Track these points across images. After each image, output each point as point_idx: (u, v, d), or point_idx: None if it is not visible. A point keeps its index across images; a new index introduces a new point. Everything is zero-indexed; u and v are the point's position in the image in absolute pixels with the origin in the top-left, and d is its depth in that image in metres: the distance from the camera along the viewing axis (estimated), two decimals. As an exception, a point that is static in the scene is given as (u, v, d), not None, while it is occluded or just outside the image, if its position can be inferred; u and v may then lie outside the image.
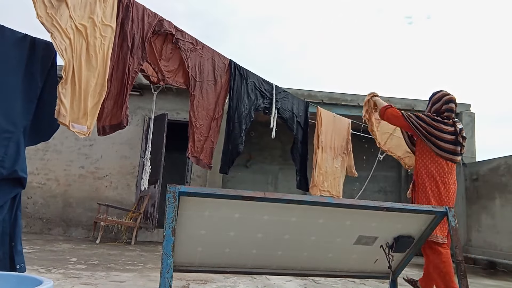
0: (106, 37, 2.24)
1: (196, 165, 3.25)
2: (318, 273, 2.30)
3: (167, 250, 1.58)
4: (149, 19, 2.64)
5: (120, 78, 2.47)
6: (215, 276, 3.65)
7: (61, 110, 1.97)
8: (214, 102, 3.22)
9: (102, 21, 2.22)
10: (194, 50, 3.03)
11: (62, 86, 1.98)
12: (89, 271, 3.61)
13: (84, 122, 2.13)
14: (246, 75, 3.47)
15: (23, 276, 1.43)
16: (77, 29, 2.05)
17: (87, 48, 2.12)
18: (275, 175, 9.08)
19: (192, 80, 3.01)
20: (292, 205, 1.88)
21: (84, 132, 2.13)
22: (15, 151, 1.81)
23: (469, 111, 7.75)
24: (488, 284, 4.51)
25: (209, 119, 3.18)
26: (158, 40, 2.78)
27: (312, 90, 7.62)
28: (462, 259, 2.01)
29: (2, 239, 1.81)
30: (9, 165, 1.78)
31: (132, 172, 7.49)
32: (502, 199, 6.30)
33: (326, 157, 4.25)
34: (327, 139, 4.25)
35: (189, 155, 3.09)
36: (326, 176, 4.19)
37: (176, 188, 1.66)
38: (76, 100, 2.06)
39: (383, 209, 1.99)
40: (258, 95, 3.61)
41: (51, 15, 1.91)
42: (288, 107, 3.99)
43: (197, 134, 3.10)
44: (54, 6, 1.94)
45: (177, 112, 7.66)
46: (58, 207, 7.28)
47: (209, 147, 3.19)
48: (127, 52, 2.49)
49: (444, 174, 2.76)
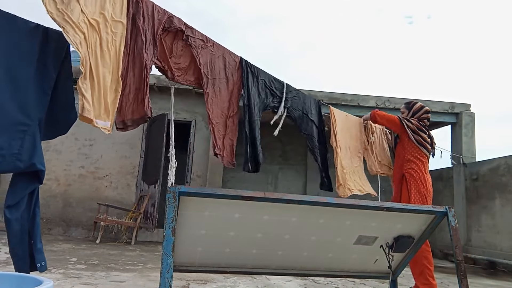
0: (117, 33, 2.20)
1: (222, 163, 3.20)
2: (318, 273, 2.30)
3: (167, 250, 1.58)
4: (158, 16, 2.61)
5: (139, 73, 2.44)
6: (215, 276, 3.65)
7: (85, 105, 1.89)
8: (227, 100, 3.17)
9: (112, 17, 2.18)
10: (205, 47, 2.98)
11: (82, 81, 1.91)
12: (89, 271, 3.61)
13: (107, 117, 2.07)
14: (257, 73, 3.43)
15: (23, 276, 1.43)
16: (90, 24, 1.99)
17: (101, 44, 2.07)
18: (275, 175, 9.09)
19: (204, 77, 2.97)
20: (292, 205, 1.88)
21: (108, 128, 2.07)
22: (31, 144, 1.76)
23: (469, 111, 7.75)
24: (488, 284, 4.51)
25: (224, 117, 3.14)
26: (168, 37, 2.74)
27: (312, 90, 7.62)
28: (462, 259, 2.01)
29: (22, 237, 1.78)
30: (26, 158, 1.74)
31: (132, 172, 7.50)
32: (502, 199, 6.30)
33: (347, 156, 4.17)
34: (342, 138, 4.16)
35: (215, 152, 3.06)
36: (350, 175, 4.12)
37: (176, 188, 1.66)
38: (96, 95, 2.00)
39: (383, 209, 1.99)
40: (268, 93, 3.55)
41: (61, 10, 1.85)
42: (299, 106, 3.92)
43: (216, 131, 3.07)
44: (64, 1, 1.89)
45: (177, 112, 7.66)
46: (58, 207, 7.28)
47: (228, 145, 3.15)
48: (142, 47, 2.45)
49: (427, 171, 3.31)
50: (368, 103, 7.61)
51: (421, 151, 3.30)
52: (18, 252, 1.77)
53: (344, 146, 4.15)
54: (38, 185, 1.86)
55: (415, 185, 3.19)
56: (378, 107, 7.58)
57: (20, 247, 1.78)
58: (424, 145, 3.31)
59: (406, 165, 3.30)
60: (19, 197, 1.77)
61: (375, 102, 7.62)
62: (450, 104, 7.76)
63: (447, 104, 7.75)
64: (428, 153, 3.34)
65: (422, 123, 3.41)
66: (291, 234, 2.02)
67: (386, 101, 7.63)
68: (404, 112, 3.57)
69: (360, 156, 4.37)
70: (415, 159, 3.28)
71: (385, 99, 7.66)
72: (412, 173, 3.24)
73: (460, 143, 7.57)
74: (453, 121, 7.80)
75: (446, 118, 7.78)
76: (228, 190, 1.78)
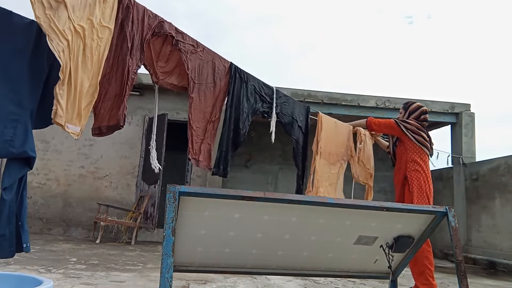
0: (103, 38, 2.25)
1: (197, 167, 3.23)
2: (318, 273, 2.30)
3: (167, 250, 1.58)
4: (149, 21, 2.62)
5: (120, 79, 2.46)
6: (215, 276, 3.65)
7: (58, 110, 1.99)
8: (211, 104, 3.20)
9: (100, 23, 2.22)
10: (195, 52, 3.00)
11: (59, 87, 1.99)
12: (89, 271, 3.61)
13: (78, 122, 2.14)
14: (246, 79, 3.45)
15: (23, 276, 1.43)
16: (76, 30, 2.05)
17: (84, 50, 2.12)
18: (275, 175, 9.08)
19: (191, 82, 3.00)
20: (292, 205, 1.88)
21: (77, 132, 2.15)
22: (23, 132, 1.88)
23: (469, 111, 7.75)
24: (488, 284, 4.51)
25: (205, 121, 3.17)
26: (157, 41, 2.76)
27: (312, 90, 7.62)
28: (462, 259, 2.01)
29: (9, 219, 1.88)
30: (18, 145, 1.85)
31: (132, 172, 7.50)
32: (502, 199, 6.30)
33: (325, 162, 4.24)
34: (326, 145, 4.23)
35: (189, 157, 3.08)
36: (321, 181, 4.19)
37: (176, 188, 1.66)
38: (71, 101, 2.08)
39: (383, 209, 1.99)
40: (258, 98, 3.59)
41: (49, 16, 1.92)
42: (288, 111, 3.98)
43: (194, 136, 3.09)
44: (53, 7, 1.94)
45: (177, 112, 7.67)
46: (58, 207, 7.28)
47: (206, 149, 3.18)
48: (127, 53, 2.47)
49: (429, 170, 3.32)
50: (368, 103, 7.60)
51: (423, 150, 3.29)
52: (5, 233, 1.86)
53: (327, 152, 4.23)
54: (28, 171, 1.99)
55: (418, 185, 3.18)
56: (378, 107, 7.59)
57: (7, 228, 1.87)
58: (426, 144, 3.30)
59: (410, 165, 3.27)
60: (12, 180, 1.87)
61: (375, 102, 7.61)
62: (450, 104, 7.76)
63: (447, 104, 7.75)
64: (428, 153, 3.35)
65: (421, 124, 3.39)
66: (291, 234, 2.02)
67: (386, 101, 7.63)
68: (401, 113, 3.56)
69: (342, 162, 4.44)
70: (418, 159, 3.26)
71: (385, 99, 7.66)
72: (415, 173, 3.23)
73: (460, 143, 7.57)
74: (453, 121, 7.80)
75: (446, 118, 7.78)
76: (228, 190, 1.78)
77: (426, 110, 3.47)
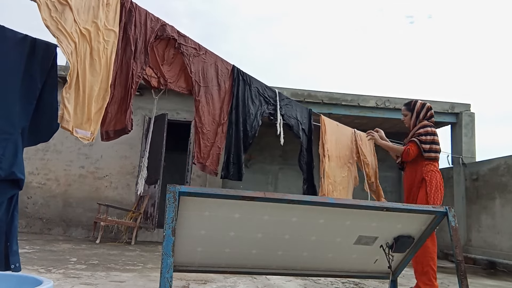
0: (109, 41, 2.23)
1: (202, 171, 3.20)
2: (318, 273, 2.30)
3: (167, 250, 1.58)
4: (151, 24, 2.62)
5: (124, 83, 2.46)
6: (215, 276, 3.65)
7: (64, 115, 1.95)
8: (219, 107, 3.19)
9: (105, 26, 2.21)
10: (197, 55, 2.99)
11: (66, 91, 1.96)
12: (89, 271, 3.61)
13: (88, 127, 2.11)
14: (249, 81, 3.45)
15: (23, 276, 1.43)
16: (82, 33, 2.04)
17: (91, 53, 2.10)
18: (275, 175, 9.08)
19: (196, 85, 2.99)
20: (292, 205, 1.88)
21: (87, 137, 2.11)
22: (13, 152, 1.81)
23: (469, 111, 7.74)
24: (488, 284, 4.51)
25: (215, 124, 3.14)
26: (160, 44, 2.76)
27: (312, 90, 7.62)
28: (462, 259, 2.01)
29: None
30: (6, 166, 1.78)
31: (132, 172, 7.49)
32: (502, 199, 6.30)
33: (334, 166, 4.20)
34: (332, 148, 4.20)
35: (195, 162, 3.04)
36: (335, 185, 4.12)
37: (176, 188, 1.66)
38: (79, 105, 2.04)
39: (383, 209, 1.99)
40: (262, 101, 3.59)
41: (55, 19, 1.90)
42: (293, 114, 3.98)
43: (204, 140, 3.05)
44: (58, 10, 1.93)
45: (177, 112, 7.66)
46: (58, 207, 7.28)
47: (215, 153, 3.14)
48: (131, 57, 2.47)
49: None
50: (368, 103, 7.60)
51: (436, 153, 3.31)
52: None
53: (334, 155, 4.20)
54: (18, 191, 1.90)
55: (435, 185, 3.18)
56: (378, 107, 7.58)
57: None
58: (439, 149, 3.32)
59: (427, 167, 3.23)
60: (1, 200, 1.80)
61: (375, 102, 7.61)
62: (450, 104, 7.76)
63: (447, 104, 7.75)
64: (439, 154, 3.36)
65: (431, 122, 3.37)
66: (291, 234, 2.02)
67: (386, 101, 7.63)
68: (406, 114, 3.47)
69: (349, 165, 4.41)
70: (433, 161, 3.28)
71: (385, 99, 7.65)
72: (433, 173, 3.23)
73: (460, 143, 7.57)
74: (453, 121, 7.80)
75: (446, 118, 7.78)
76: (228, 190, 1.78)
77: (430, 106, 3.45)
